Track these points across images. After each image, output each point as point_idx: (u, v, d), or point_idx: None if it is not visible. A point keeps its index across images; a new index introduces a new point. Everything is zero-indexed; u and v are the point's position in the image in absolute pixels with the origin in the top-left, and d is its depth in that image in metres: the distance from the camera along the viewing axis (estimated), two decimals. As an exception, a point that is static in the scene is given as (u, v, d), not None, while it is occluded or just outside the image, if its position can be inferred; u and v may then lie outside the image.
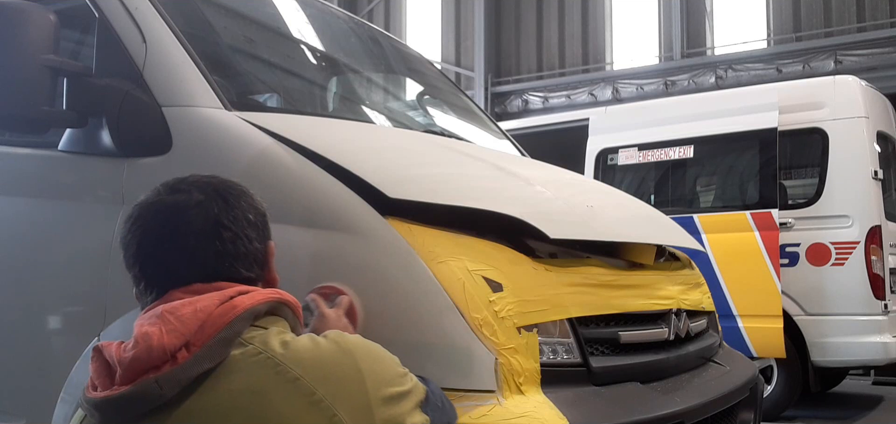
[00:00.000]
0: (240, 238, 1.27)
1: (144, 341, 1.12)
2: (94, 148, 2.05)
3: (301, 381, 1.12)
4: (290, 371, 1.13)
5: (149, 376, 1.10)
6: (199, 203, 1.25)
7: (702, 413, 1.94)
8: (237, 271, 1.26)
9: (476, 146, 2.79)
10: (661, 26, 15.73)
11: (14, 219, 2.26)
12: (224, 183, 1.33)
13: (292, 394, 1.11)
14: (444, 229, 1.74)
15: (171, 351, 1.11)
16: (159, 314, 1.15)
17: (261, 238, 1.33)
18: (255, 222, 1.31)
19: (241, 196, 1.32)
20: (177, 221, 1.24)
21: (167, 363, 1.11)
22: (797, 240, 5.56)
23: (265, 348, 1.15)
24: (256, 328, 1.19)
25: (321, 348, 1.19)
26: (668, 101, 9.61)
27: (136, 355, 1.12)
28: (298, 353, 1.16)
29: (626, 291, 2.01)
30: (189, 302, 1.16)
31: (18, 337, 2.17)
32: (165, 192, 1.28)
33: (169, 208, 1.25)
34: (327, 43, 3.16)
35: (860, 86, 5.71)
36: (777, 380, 5.74)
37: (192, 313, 1.14)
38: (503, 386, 1.58)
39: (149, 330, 1.13)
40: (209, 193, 1.27)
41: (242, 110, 2.00)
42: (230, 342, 1.14)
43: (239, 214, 1.28)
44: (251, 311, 1.19)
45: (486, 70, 16.94)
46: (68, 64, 2.01)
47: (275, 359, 1.14)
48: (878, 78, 10.10)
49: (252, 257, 1.29)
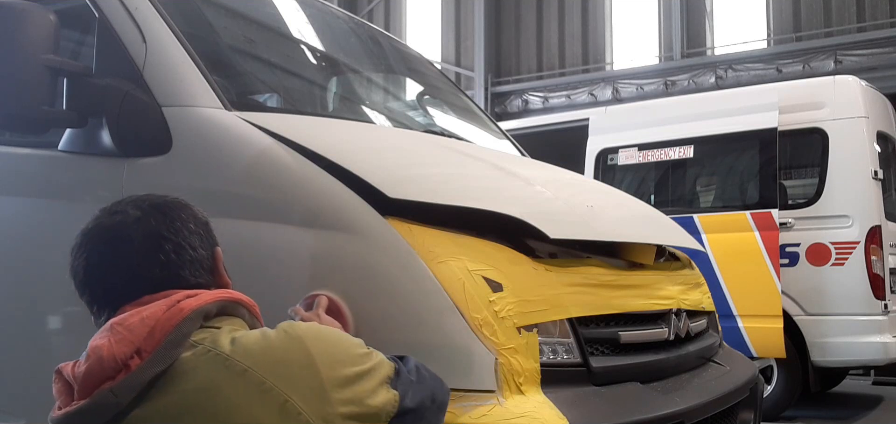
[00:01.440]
0: (183, 248, 1.30)
1: (95, 353, 1.15)
2: (94, 148, 2.05)
3: (250, 372, 1.14)
4: (239, 364, 1.15)
5: (104, 387, 1.13)
6: (137, 220, 1.28)
7: (702, 413, 1.94)
8: (184, 279, 1.28)
9: (476, 146, 2.79)
10: (661, 26, 15.73)
11: (14, 219, 2.26)
12: (161, 198, 1.35)
13: (242, 386, 1.13)
14: (444, 229, 1.74)
15: (122, 360, 1.14)
16: (109, 326, 1.18)
17: (205, 245, 1.35)
18: (196, 230, 1.34)
19: (179, 208, 1.35)
20: (118, 240, 1.27)
21: (121, 372, 1.14)
22: (797, 240, 5.56)
23: (214, 345, 1.17)
24: (208, 328, 1.21)
25: (269, 338, 1.20)
26: (668, 101, 9.60)
27: (89, 368, 1.15)
28: (246, 346, 1.18)
29: (626, 291, 2.01)
30: (136, 312, 1.19)
31: (18, 337, 2.17)
32: (104, 216, 1.31)
33: (109, 231, 1.29)
34: (327, 43, 3.16)
35: (860, 86, 5.71)
36: (777, 380, 5.74)
37: (139, 321, 1.17)
38: (503, 386, 1.58)
39: (99, 343, 1.16)
40: (145, 208, 1.31)
41: (242, 110, 2.01)
42: (179, 344, 1.17)
43: (179, 225, 1.31)
44: (198, 312, 1.21)
45: (486, 70, 16.94)
46: (68, 64, 2.01)
47: (223, 355, 1.16)
48: (878, 78, 10.11)
49: (198, 264, 1.31)
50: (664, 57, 15.58)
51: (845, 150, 5.53)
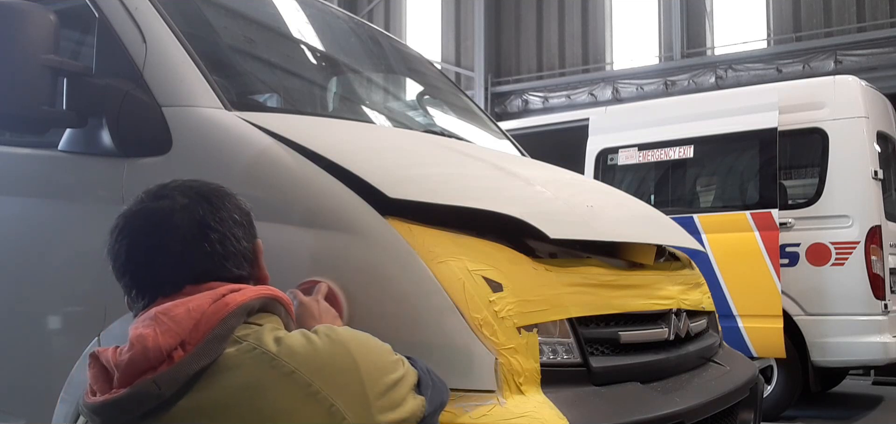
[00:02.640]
0: (227, 238, 1.29)
1: (140, 342, 1.13)
2: (94, 148, 2.05)
3: (297, 374, 1.14)
4: (286, 365, 1.14)
5: (146, 376, 1.12)
6: (184, 207, 1.27)
7: (702, 413, 1.94)
8: (228, 270, 1.28)
9: (476, 146, 2.79)
10: (661, 26, 15.73)
11: (14, 219, 2.26)
12: (207, 185, 1.34)
13: (289, 387, 1.13)
14: (444, 229, 1.74)
15: (166, 351, 1.13)
16: (153, 316, 1.17)
17: (248, 237, 1.35)
18: (241, 221, 1.33)
19: (224, 197, 1.34)
20: (163, 227, 1.26)
21: (164, 363, 1.13)
22: (797, 240, 5.55)
23: (259, 343, 1.17)
24: (250, 325, 1.21)
25: (314, 342, 1.20)
26: (668, 101, 9.60)
27: (133, 357, 1.13)
28: (292, 348, 1.17)
29: (626, 291, 2.01)
30: (182, 303, 1.18)
31: (19, 337, 2.17)
32: (149, 199, 1.29)
33: (154, 215, 1.27)
34: (327, 43, 3.16)
35: (860, 86, 5.71)
36: (777, 380, 5.74)
37: (185, 312, 1.16)
38: (503, 386, 1.58)
39: (144, 332, 1.14)
40: (192, 196, 1.29)
41: (242, 110, 2.00)
42: (224, 339, 1.16)
43: (224, 215, 1.30)
44: (244, 307, 1.20)
45: (486, 70, 16.94)
46: (68, 64, 2.01)
47: (270, 354, 1.15)
48: (878, 78, 10.11)
49: (241, 256, 1.31)
50: (664, 57, 15.58)
51: (845, 150, 5.53)
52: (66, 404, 1.93)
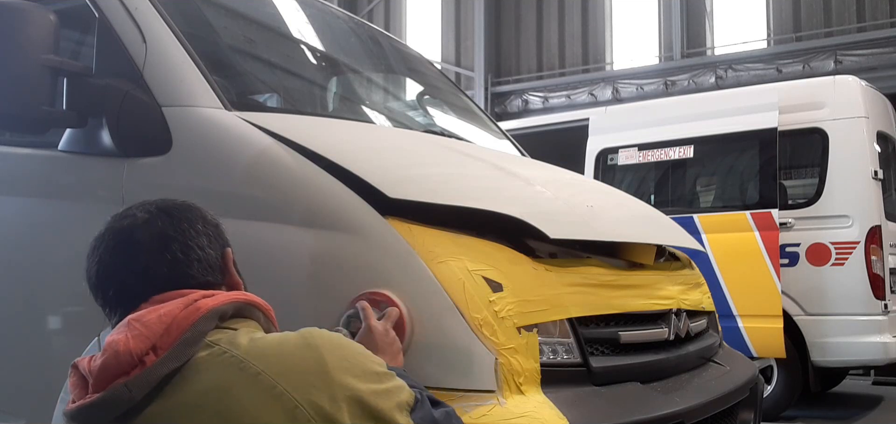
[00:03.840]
0: (190, 247, 1.31)
1: (111, 348, 1.16)
2: (94, 148, 2.05)
3: (263, 375, 1.14)
4: (253, 367, 1.15)
5: (119, 381, 1.14)
6: (145, 222, 1.30)
7: (702, 413, 1.94)
8: (192, 277, 1.29)
9: (476, 146, 2.79)
10: (661, 26, 15.73)
11: (14, 219, 2.26)
12: (168, 201, 1.37)
13: (255, 388, 1.13)
14: (444, 229, 1.74)
15: (138, 356, 1.14)
16: (126, 323, 1.19)
17: (214, 245, 1.36)
18: (204, 231, 1.35)
19: (186, 210, 1.36)
20: (127, 242, 1.29)
21: (136, 367, 1.14)
22: (797, 240, 5.56)
23: (231, 346, 1.18)
24: (224, 329, 1.22)
25: (286, 342, 1.21)
26: (668, 101, 9.60)
27: (105, 362, 1.15)
28: (262, 349, 1.18)
29: (626, 291, 2.01)
30: (154, 309, 1.20)
31: (19, 337, 2.17)
32: (115, 220, 1.33)
33: (118, 234, 1.31)
34: (327, 43, 3.16)
35: (860, 86, 5.71)
36: (777, 380, 5.74)
37: (156, 318, 1.18)
38: (503, 386, 1.58)
39: (115, 338, 1.17)
40: (152, 211, 1.32)
41: (242, 110, 2.01)
42: (195, 343, 1.17)
43: (185, 225, 1.32)
44: (215, 312, 1.21)
45: (486, 70, 16.94)
46: (68, 64, 2.01)
47: (238, 357, 1.16)
48: (878, 78, 10.11)
49: (206, 264, 1.32)
50: (664, 57, 15.58)
51: (845, 150, 5.53)
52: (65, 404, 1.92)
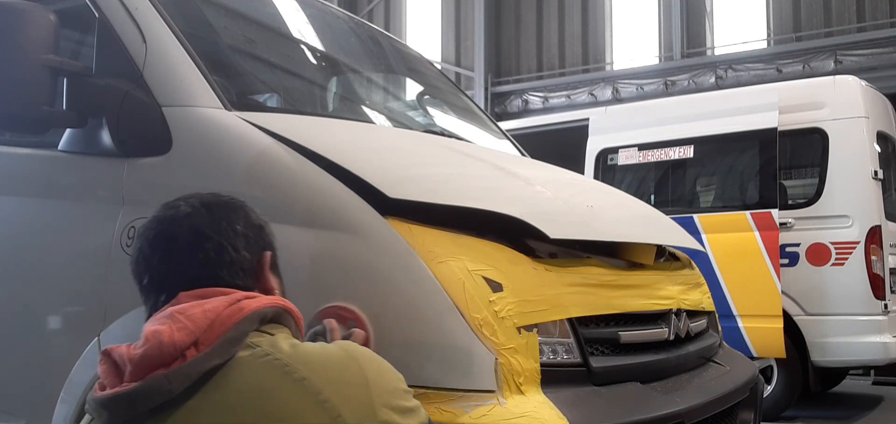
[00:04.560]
0: (224, 248, 1.30)
1: (155, 338, 1.15)
2: (94, 148, 2.05)
3: (308, 381, 1.15)
4: (298, 371, 1.15)
5: (158, 372, 1.13)
6: (186, 216, 1.31)
7: (702, 413, 1.94)
8: (221, 278, 1.29)
9: (476, 146, 2.79)
10: (661, 26, 15.73)
11: (14, 219, 2.26)
12: (216, 197, 1.37)
13: (299, 393, 1.14)
14: (444, 229, 1.74)
15: (181, 348, 1.14)
16: (169, 314, 1.19)
17: (250, 248, 1.35)
18: (243, 232, 1.34)
19: (230, 209, 1.36)
20: (165, 234, 1.30)
21: (177, 360, 1.14)
22: (797, 240, 5.56)
23: (273, 349, 1.18)
24: (262, 333, 1.22)
25: (329, 352, 1.22)
26: (668, 101, 9.60)
27: (147, 351, 1.14)
28: (306, 355, 1.19)
29: (626, 291, 2.01)
30: (198, 304, 1.20)
31: (19, 337, 2.17)
32: (162, 208, 1.35)
33: (160, 223, 1.32)
34: (327, 43, 3.16)
35: (860, 86, 5.71)
36: (777, 380, 5.74)
37: (201, 313, 1.18)
38: (503, 386, 1.58)
39: (159, 329, 1.16)
40: (196, 206, 1.33)
41: (242, 110, 2.00)
42: (237, 342, 1.18)
43: (224, 225, 1.32)
44: (257, 314, 1.22)
45: (486, 70, 16.94)
46: (68, 64, 2.01)
47: (282, 360, 1.17)
48: (878, 78, 10.11)
49: (238, 266, 1.32)
50: (664, 57, 15.58)
51: (845, 150, 5.53)
52: (66, 404, 1.93)
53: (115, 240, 1.94)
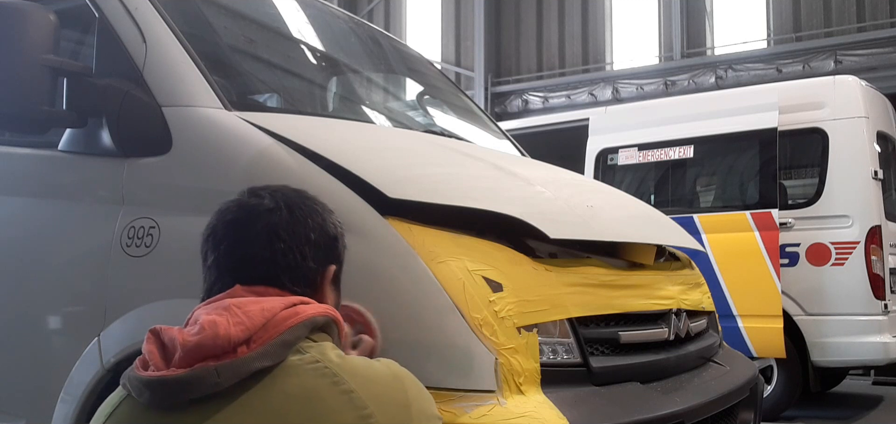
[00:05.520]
0: (292, 252, 1.30)
1: (212, 328, 1.15)
2: (94, 148, 2.05)
3: (355, 394, 1.16)
4: (346, 383, 1.16)
5: (208, 363, 1.13)
6: (268, 210, 1.31)
7: (702, 413, 1.94)
8: (281, 281, 1.29)
9: (476, 146, 2.79)
10: (661, 26, 15.72)
11: (14, 219, 2.26)
12: (301, 198, 1.37)
13: (345, 405, 1.14)
14: (444, 229, 1.74)
15: (234, 343, 1.14)
16: (226, 306, 1.19)
17: (318, 259, 1.35)
18: (315, 241, 1.34)
19: (310, 213, 1.36)
20: (242, 221, 1.30)
21: (228, 354, 1.14)
22: (797, 240, 5.56)
23: (323, 358, 1.19)
24: (311, 341, 1.22)
25: (375, 368, 1.23)
26: (668, 101, 9.59)
27: (201, 340, 1.14)
28: (353, 369, 1.20)
29: (626, 291, 2.01)
30: (255, 300, 1.20)
31: (19, 337, 2.17)
32: (247, 194, 1.35)
33: (240, 208, 1.32)
34: (327, 43, 3.16)
35: (860, 86, 5.71)
36: (777, 380, 5.74)
37: (259, 310, 1.18)
38: (503, 386, 1.58)
39: (216, 319, 1.16)
40: (279, 202, 1.33)
41: (242, 110, 2.00)
42: (289, 346, 1.18)
43: (300, 229, 1.32)
44: (311, 321, 1.22)
45: (486, 70, 16.94)
46: (68, 64, 2.01)
47: (332, 370, 1.17)
48: (878, 78, 10.10)
49: (300, 273, 1.31)
50: (664, 57, 15.57)
51: (845, 150, 5.53)
52: (66, 404, 1.93)
53: (115, 240, 1.94)
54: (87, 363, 1.91)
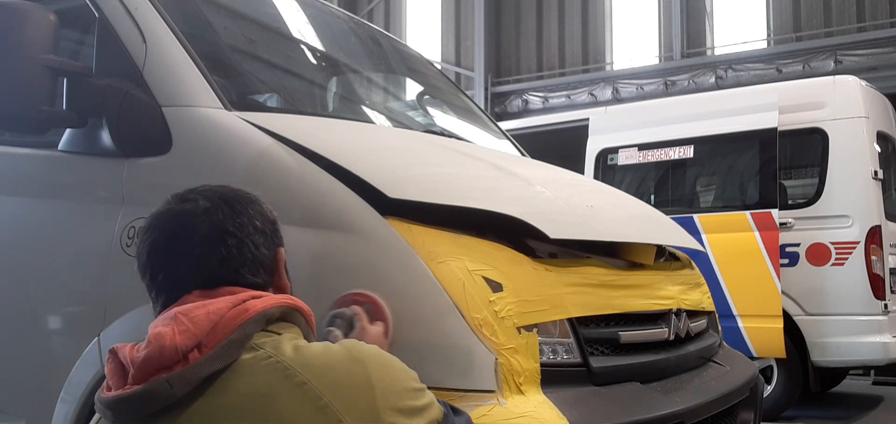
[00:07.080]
0: (245, 244, 1.28)
1: (157, 341, 1.14)
2: (94, 148, 2.05)
3: (308, 386, 1.13)
4: (298, 376, 1.14)
5: (160, 375, 1.12)
6: (206, 211, 1.27)
7: (702, 413, 1.94)
8: (242, 276, 1.27)
9: (476, 146, 2.79)
10: (661, 26, 15.72)
11: (14, 219, 2.26)
12: (232, 191, 1.34)
13: (299, 398, 1.12)
14: (444, 229, 1.74)
15: (183, 352, 1.13)
16: (173, 315, 1.17)
17: (268, 245, 1.34)
18: (262, 228, 1.33)
19: (248, 204, 1.33)
20: (184, 229, 1.27)
21: (179, 363, 1.13)
22: (797, 240, 5.56)
23: (276, 352, 1.16)
24: (269, 333, 1.20)
25: (332, 354, 1.20)
26: (668, 101, 9.59)
27: (149, 354, 1.13)
28: (308, 358, 1.17)
29: (626, 291, 2.01)
30: (202, 305, 1.18)
31: (18, 337, 2.17)
32: (174, 201, 1.30)
33: (177, 217, 1.28)
34: (327, 43, 3.16)
35: (860, 86, 5.71)
36: (777, 380, 5.74)
37: (204, 315, 1.16)
38: (503, 386, 1.58)
39: (162, 331, 1.15)
40: (215, 200, 1.29)
41: (242, 110, 2.01)
42: (241, 345, 1.16)
43: (245, 220, 1.30)
44: (263, 314, 1.20)
45: (486, 70, 16.94)
46: (68, 64, 2.01)
47: (284, 363, 1.15)
48: (878, 78, 10.10)
49: (258, 263, 1.30)
50: (664, 57, 15.57)
51: (845, 150, 5.53)
52: (66, 404, 1.93)
53: (115, 240, 1.94)
54: (87, 364, 1.91)
